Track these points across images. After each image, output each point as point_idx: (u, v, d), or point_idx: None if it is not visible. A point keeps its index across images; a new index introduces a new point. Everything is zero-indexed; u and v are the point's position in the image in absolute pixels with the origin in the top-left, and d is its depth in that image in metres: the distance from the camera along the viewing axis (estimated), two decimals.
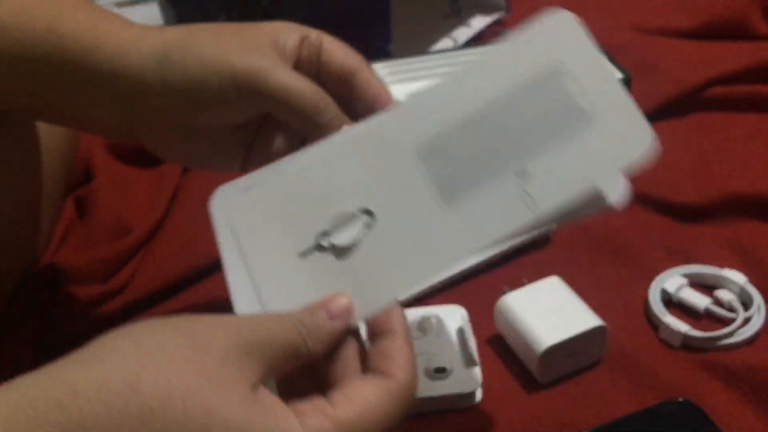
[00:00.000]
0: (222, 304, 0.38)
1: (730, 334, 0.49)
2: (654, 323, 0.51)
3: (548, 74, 0.37)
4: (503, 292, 0.50)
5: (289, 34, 0.45)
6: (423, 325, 0.50)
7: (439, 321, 0.50)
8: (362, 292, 0.36)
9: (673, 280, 0.53)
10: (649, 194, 0.61)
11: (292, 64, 0.44)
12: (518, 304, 0.49)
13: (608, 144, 0.35)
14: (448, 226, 0.36)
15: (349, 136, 0.40)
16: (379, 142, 0.38)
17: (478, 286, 0.55)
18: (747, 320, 0.50)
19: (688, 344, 0.49)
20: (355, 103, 0.44)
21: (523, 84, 0.37)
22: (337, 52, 0.45)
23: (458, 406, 0.47)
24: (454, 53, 0.73)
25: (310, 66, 0.45)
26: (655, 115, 0.71)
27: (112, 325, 0.31)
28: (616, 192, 0.37)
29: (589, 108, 0.36)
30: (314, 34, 0.45)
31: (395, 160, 0.37)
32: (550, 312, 0.48)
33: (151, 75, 0.43)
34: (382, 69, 0.71)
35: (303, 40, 0.45)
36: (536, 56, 0.37)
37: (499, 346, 0.50)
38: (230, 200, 0.40)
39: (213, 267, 0.48)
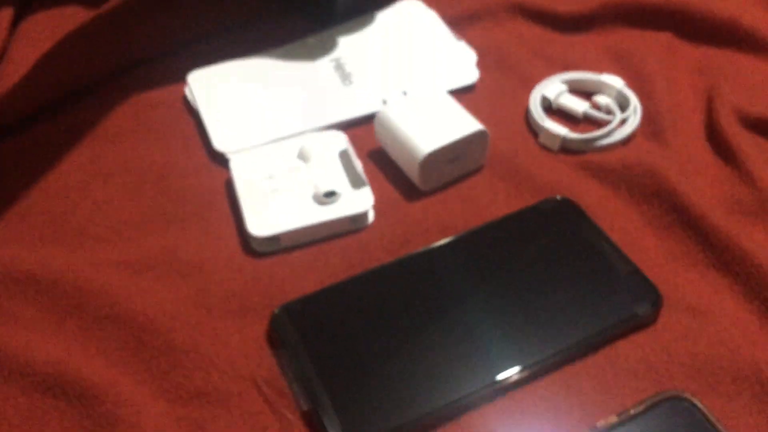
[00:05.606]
0: None
1: (607, 135, 0.49)
2: (534, 130, 0.50)
3: None
4: (383, 103, 0.48)
5: None
6: (302, 153, 0.48)
7: (320, 146, 0.48)
8: None
9: (553, 87, 0.52)
10: (529, 5, 0.59)
11: None
12: (398, 115, 0.48)
13: None
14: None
15: None
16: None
17: None
18: (623, 121, 0.50)
19: (566, 147, 0.49)
20: None
21: None
22: None
23: (351, 228, 0.45)
24: None
25: None
26: None
27: None
28: None
29: None
30: None
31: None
32: (430, 120, 0.47)
33: None
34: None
35: None
36: None
37: (380, 159, 0.49)
38: None
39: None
